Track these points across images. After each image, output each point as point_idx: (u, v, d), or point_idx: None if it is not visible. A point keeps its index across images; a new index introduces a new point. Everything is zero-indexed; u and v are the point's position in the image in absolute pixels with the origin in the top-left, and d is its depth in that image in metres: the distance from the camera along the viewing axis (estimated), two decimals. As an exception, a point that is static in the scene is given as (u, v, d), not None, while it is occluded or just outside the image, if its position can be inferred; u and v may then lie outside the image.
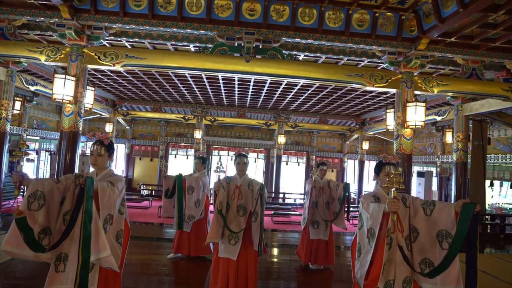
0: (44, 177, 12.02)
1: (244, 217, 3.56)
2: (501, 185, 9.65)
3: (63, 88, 4.87)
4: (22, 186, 2.24)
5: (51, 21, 5.10)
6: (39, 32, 5.75)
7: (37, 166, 12.07)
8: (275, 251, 6.32)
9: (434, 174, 11.96)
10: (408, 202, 2.51)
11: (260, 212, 3.41)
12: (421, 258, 2.41)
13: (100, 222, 2.24)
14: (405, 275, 2.37)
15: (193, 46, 6.12)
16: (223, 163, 14.85)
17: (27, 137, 10.72)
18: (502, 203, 10.73)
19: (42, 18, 5.11)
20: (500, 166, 9.06)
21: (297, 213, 10.14)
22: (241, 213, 3.57)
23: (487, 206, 9.06)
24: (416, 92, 5.64)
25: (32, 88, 7.94)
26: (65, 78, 4.88)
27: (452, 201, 7.27)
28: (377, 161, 2.78)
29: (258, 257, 3.55)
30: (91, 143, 2.53)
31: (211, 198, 5.26)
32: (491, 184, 9.11)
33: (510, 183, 8.82)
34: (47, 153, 12.49)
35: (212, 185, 4.16)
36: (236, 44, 5.38)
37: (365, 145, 13.64)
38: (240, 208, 3.57)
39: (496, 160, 8.88)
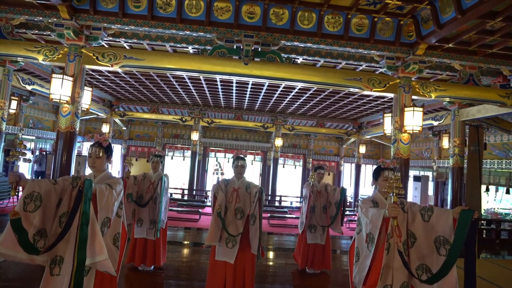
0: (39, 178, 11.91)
1: (242, 220, 3.55)
2: (496, 190, 9.72)
3: (60, 88, 4.83)
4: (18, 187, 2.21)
5: (49, 20, 5.06)
6: (37, 31, 5.71)
7: (32, 166, 11.96)
8: (271, 254, 6.30)
9: (431, 179, 12.01)
10: (406, 207, 2.51)
11: (258, 216, 3.40)
12: (418, 263, 2.41)
13: (97, 225, 2.22)
14: (402, 280, 2.37)
15: (192, 48, 6.12)
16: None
17: (23, 136, 10.62)
18: (498, 208, 10.81)
19: (41, 18, 5.07)
20: (496, 171, 9.11)
21: (294, 216, 10.12)
22: (238, 216, 3.56)
23: (482, 211, 9.10)
24: (414, 97, 5.66)
25: (29, 88, 7.88)
26: (62, 78, 4.84)
27: (448, 206, 7.29)
28: (376, 166, 2.79)
29: (256, 260, 3.53)
30: (88, 143, 2.51)
31: (207, 200, 5.14)
32: (487, 189, 9.16)
33: (505, 188, 8.87)
34: (42, 153, 12.37)
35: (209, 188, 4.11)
36: (235, 47, 5.38)
37: (362, 149, 13.68)
38: (238, 211, 3.57)
39: (492, 166, 8.93)
